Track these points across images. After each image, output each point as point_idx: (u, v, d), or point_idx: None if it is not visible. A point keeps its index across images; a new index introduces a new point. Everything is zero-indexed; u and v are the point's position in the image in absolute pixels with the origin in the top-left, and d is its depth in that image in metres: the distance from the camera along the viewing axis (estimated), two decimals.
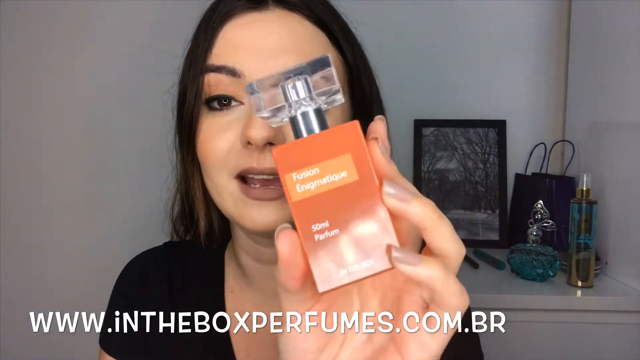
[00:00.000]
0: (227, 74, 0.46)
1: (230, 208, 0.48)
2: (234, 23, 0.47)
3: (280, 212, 0.46)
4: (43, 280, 1.15)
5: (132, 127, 1.16)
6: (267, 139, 0.44)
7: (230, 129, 0.46)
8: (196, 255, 0.59)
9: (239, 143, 0.46)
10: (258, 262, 0.54)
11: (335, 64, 0.48)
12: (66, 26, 1.15)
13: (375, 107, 0.55)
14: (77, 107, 1.16)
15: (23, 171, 1.14)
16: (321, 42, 0.48)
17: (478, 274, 1.05)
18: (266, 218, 0.46)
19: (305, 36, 0.47)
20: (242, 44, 0.46)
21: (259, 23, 0.47)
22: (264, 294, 0.55)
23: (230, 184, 0.47)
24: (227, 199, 0.47)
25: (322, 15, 0.49)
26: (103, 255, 1.16)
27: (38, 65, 1.14)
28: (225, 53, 0.47)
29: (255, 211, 0.46)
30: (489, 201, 1.26)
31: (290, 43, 0.46)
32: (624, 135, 1.00)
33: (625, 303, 0.92)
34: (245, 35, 0.46)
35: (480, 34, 1.27)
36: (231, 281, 0.57)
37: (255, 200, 0.46)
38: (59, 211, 1.15)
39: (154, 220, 0.71)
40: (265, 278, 0.54)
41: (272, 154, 0.33)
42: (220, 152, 0.46)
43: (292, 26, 0.47)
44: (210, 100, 0.47)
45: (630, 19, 0.99)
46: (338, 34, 0.50)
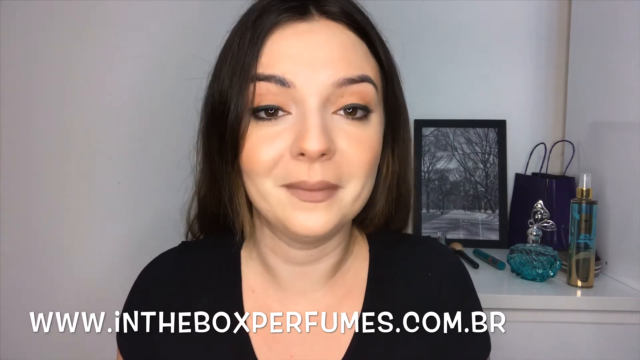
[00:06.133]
0: (276, 83, 0.46)
1: (279, 213, 0.48)
2: (280, 33, 0.48)
3: (329, 215, 0.47)
4: (43, 280, 1.14)
5: (143, 128, 1.16)
6: (322, 152, 0.44)
7: (279, 139, 0.47)
8: (213, 255, 0.59)
9: (287, 154, 0.46)
10: (287, 263, 0.54)
11: (374, 73, 0.49)
12: (84, 27, 1.14)
13: (403, 110, 0.56)
14: (88, 109, 1.15)
15: (24, 171, 1.14)
16: (364, 52, 0.50)
17: (478, 274, 1.05)
18: (316, 222, 0.47)
19: (350, 47, 0.48)
20: (292, 54, 0.47)
21: (307, 34, 0.47)
22: (289, 292, 0.55)
23: (277, 190, 0.48)
24: (275, 204, 0.48)
25: (363, 24, 0.50)
26: (104, 256, 1.16)
27: (47, 64, 1.14)
28: (274, 63, 0.47)
29: (305, 215, 0.47)
30: (489, 201, 1.26)
31: (339, 54, 0.47)
32: (624, 135, 1.00)
33: (625, 303, 0.92)
34: (295, 45, 0.47)
35: (481, 34, 1.28)
36: (251, 280, 0.57)
37: (305, 203, 0.47)
38: (59, 211, 1.15)
39: (156, 220, 0.71)
40: (293, 277, 0.55)
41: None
42: (268, 162, 0.47)
43: (338, 37, 0.48)
44: (258, 110, 0.47)
45: (630, 19, 0.98)
46: (377, 43, 0.51)
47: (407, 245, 0.61)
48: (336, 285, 0.56)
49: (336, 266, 0.56)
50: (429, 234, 1.25)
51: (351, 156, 0.47)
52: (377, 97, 0.50)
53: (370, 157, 0.48)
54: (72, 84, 1.15)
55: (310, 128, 0.45)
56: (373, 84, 0.49)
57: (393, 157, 0.55)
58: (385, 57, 0.52)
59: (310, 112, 0.46)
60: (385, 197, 0.55)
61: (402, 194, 0.58)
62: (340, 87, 0.46)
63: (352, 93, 0.47)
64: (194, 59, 0.61)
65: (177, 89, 0.57)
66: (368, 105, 0.48)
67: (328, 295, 0.55)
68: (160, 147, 1.15)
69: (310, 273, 0.55)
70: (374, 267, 0.58)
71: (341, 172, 0.47)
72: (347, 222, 0.53)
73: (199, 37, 0.54)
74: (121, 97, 1.16)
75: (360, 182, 0.48)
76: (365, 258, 0.58)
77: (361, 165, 0.48)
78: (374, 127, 0.49)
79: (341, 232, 0.54)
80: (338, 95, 0.47)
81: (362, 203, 0.51)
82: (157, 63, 1.15)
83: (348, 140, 0.47)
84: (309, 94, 0.46)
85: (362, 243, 0.60)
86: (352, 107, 0.48)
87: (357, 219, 0.57)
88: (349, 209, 0.49)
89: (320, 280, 0.55)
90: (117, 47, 1.16)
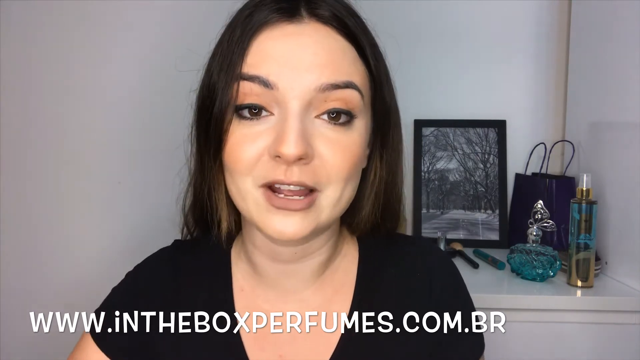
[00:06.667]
0: (260, 84, 0.46)
1: (254, 215, 0.48)
2: (268, 34, 0.48)
3: (304, 223, 0.47)
4: (43, 281, 1.15)
5: (139, 127, 1.16)
6: (298, 156, 0.45)
7: (260, 139, 0.47)
8: (204, 254, 0.59)
9: (267, 154, 0.47)
10: (274, 261, 0.54)
11: (361, 78, 0.49)
12: (77, 25, 1.14)
13: (393, 115, 0.55)
14: (85, 107, 1.16)
15: (24, 171, 1.14)
16: (352, 57, 0.49)
17: (478, 274, 1.05)
18: (290, 228, 0.47)
19: (338, 52, 0.48)
20: (278, 56, 0.47)
21: (294, 36, 0.47)
22: (277, 292, 0.55)
23: (256, 191, 0.48)
24: (252, 205, 0.48)
25: (353, 29, 0.50)
26: (105, 256, 1.16)
27: (46, 63, 1.14)
28: (259, 63, 0.47)
29: (280, 220, 0.47)
30: (489, 201, 1.26)
31: (325, 59, 0.47)
32: (624, 135, 1.00)
33: (625, 303, 0.92)
34: (281, 47, 0.47)
35: (481, 34, 1.28)
36: (240, 280, 0.57)
37: (280, 210, 0.47)
38: (60, 211, 1.15)
39: (158, 221, 0.71)
40: (280, 276, 0.55)
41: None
42: (248, 161, 0.47)
43: (326, 42, 0.48)
44: (240, 108, 0.47)
45: (630, 19, 0.99)
46: (366, 49, 0.51)
47: (397, 245, 0.60)
48: (325, 284, 0.56)
49: (324, 265, 0.56)
50: (429, 234, 1.25)
51: (331, 161, 0.47)
52: (363, 103, 0.49)
53: (351, 162, 0.48)
54: (71, 83, 1.15)
55: (288, 132, 0.45)
56: (358, 90, 0.48)
57: (381, 163, 0.55)
58: (375, 63, 0.51)
59: (290, 116, 0.46)
60: (372, 203, 0.55)
61: (391, 201, 0.57)
62: (323, 92, 0.46)
63: (336, 98, 0.47)
64: (191, 53, 0.60)
65: (175, 86, 0.57)
66: (352, 110, 0.48)
67: (317, 294, 0.55)
68: (160, 147, 1.15)
69: (297, 271, 0.55)
70: (363, 266, 0.58)
71: (319, 176, 0.47)
72: (328, 226, 0.53)
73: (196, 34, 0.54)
74: (119, 95, 1.16)
75: (339, 186, 0.48)
76: (355, 257, 0.58)
77: (340, 169, 0.47)
78: (357, 132, 0.49)
79: (327, 231, 0.54)
80: (321, 100, 0.47)
81: (343, 207, 0.51)
82: (155, 59, 1.15)
83: (328, 145, 0.47)
84: (291, 97, 0.46)
85: (351, 242, 0.60)
86: (335, 111, 0.48)
87: (346, 221, 0.57)
88: (329, 214, 0.49)
89: (308, 278, 0.55)
90: (115, 46, 1.16)
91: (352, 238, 0.60)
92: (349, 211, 0.53)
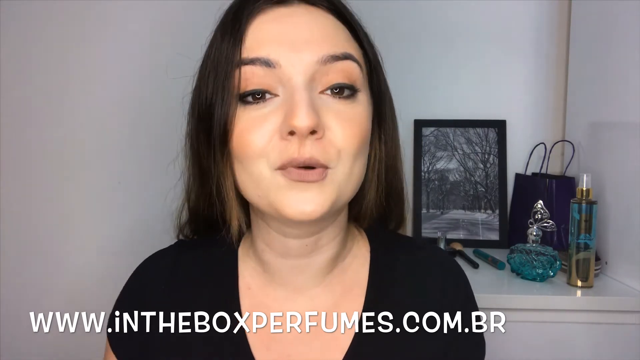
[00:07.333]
0: (261, 65, 0.47)
1: (272, 196, 0.47)
2: (262, 19, 0.49)
3: (320, 197, 0.46)
4: (43, 281, 1.15)
5: (139, 127, 1.16)
6: (311, 127, 0.45)
7: (268, 122, 0.47)
8: (209, 253, 0.59)
9: (276, 136, 0.46)
10: (284, 257, 0.54)
11: (358, 55, 0.50)
12: (72, 27, 1.15)
13: (387, 104, 0.56)
14: (85, 107, 1.16)
15: (24, 171, 1.14)
16: (345, 35, 0.50)
17: (478, 274, 1.05)
18: (309, 206, 0.46)
19: (332, 28, 0.49)
20: (275, 36, 0.47)
21: (287, 17, 0.49)
22: (286, 290, 0.55)
23: (271, 174, 0.47)
24: (268, 187, 0.47)
25: (342, 9, 0.51)
26: (105, 256, 1.16)
27: (46, 63, 1.14)
28: (258, 46, 0.47)
29: (298, 197, 0.46)
30: (489, 201, 1.26)
31: (320, 34, 0.48)
32: (624, 135, 1.00)
33: (625, 303, 0.92)
34: (277, 28, 0.48)
35: (481, 34, 1.28)
36: (248, 278, 0.57)
37: (297, 183, 0.46)
38: (60, 211, 1.15)
39: (158, 221, 0.71)
40: (291, 272, 0.55)
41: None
42: (259, 142, 0.47)
43: (319, 20, 0.49)
44: (245, 95, 0.48)
45: (630, 19, 0.98)
46: (358, 28, 0.52)
47: (408, 249, 0.60)
48: (334, 282, 0.56)
49: (333, 261, 0.55)
50: (429, 234, 1.25)
51: (340, 134, 0.47)
52: (362, 77, 0.50)
53: (359, 134, 0.48)
54: (71, 83, 1.15)
55: (298, 105, 0.45)
56: (357, 62, 0.49)
57: (380, 144, 0.55)
58: (367, 43, 0.53)
59: (297, 90, 0.46)
60: (375, 187, 0.54)
61: (394, 185, 0.58)
62: (324, 65, 0.47)
63: (337, 71, 0.48)
64: (191, 53, 0.61)
65: (175, 85, 0.57)
66: (354, 84, 0.49)
67: (326, 292, 0.55)
68: (160, 147, 1.15)
69: (307, 267, 0.54)
70: (374, 268, 0.57)
71: (330, 154, 0.47)
72: (342, 207, 0.53)
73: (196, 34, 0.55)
74: (120, 95, 1.16)
75: (349, 161, 0.48)
76: (366, 259, 0.58)
77: (350, 144, 0.47)
78: (362, 106, 0.50)
79: (335, 223, 0.54)
80: (323, 73, 0.47)
81: (355, 185, 0.50)
82: (155, 59, 1.15)
83: (336, 119, 0.47)
84: (294, 73, 0.46)
85: (362, 243, 0.60)
86: (338, 86, 0.48)
87: (352, 215, 0.57)
88: (343, 189, 0.48)
89: (317, 275, 0.55)
90: (116, 46, 1.16)
91: (362, 238, 0.60)
92: (354, 199, 0.53)
